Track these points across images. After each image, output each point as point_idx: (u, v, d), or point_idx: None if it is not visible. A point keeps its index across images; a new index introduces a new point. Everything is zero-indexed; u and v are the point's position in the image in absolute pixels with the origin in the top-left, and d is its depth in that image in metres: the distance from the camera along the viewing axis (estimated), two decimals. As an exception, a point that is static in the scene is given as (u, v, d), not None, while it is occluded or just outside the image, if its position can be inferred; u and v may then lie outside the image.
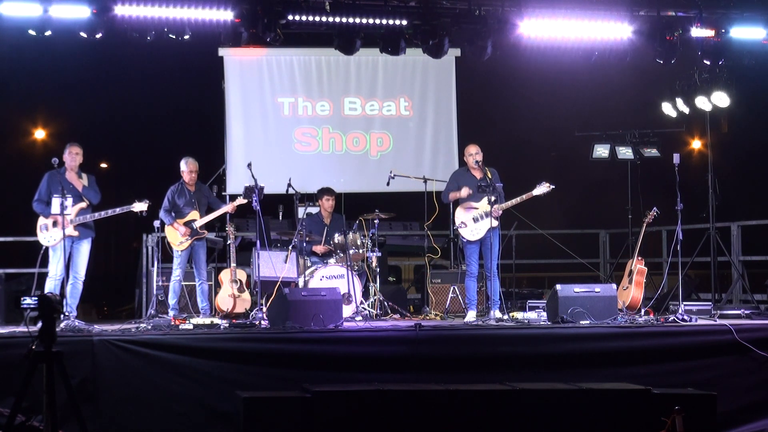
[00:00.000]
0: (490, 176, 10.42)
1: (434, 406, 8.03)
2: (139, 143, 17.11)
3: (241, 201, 10.80)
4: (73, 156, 10.17)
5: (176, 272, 10.72)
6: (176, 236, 10.70)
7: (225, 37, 10.93)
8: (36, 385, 5.65)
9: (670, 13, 11.40)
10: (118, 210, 10.23)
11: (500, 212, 10.34)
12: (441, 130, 14.26)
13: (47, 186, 10.08)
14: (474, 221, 10.41)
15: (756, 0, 11.47)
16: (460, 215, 10.51)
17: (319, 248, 11.38)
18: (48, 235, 10.00)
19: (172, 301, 10.76)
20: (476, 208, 10.43)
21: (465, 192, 10.43)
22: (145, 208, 10.27)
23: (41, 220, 10.06)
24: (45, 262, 10.10)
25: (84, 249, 10.13)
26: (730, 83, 12.57)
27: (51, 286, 9.92)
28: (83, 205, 10.08)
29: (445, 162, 14.08)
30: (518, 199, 10.43)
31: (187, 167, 10.85)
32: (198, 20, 10.39)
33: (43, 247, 10.03)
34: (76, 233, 10.01)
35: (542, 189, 10.42)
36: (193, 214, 10.76)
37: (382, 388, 8.10)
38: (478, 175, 10.53)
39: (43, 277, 10.09)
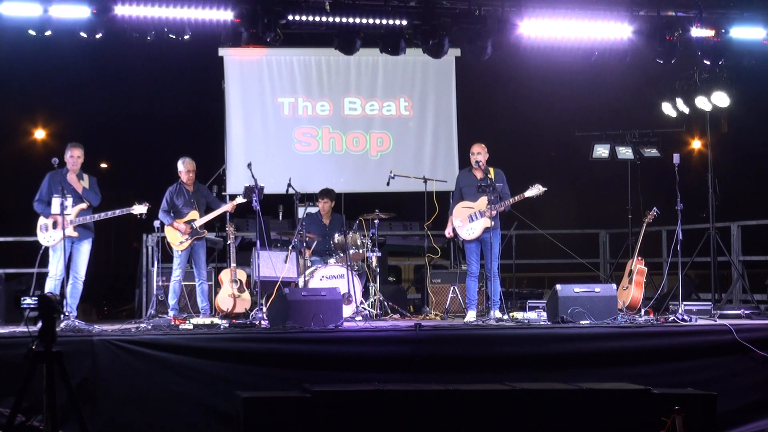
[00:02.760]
0: (491, 177, 10.42)
1: (434, 406, 8.02)
2: (139, 143, 17.12)
3: (240, 200, 10.81)
4: (74, 159, 10.15)
5: (176, 272, 10.72)
6: (176, 236, 10.70)
7: (225, 37, 10.93)
8: (36, 385, 5.64)
9: (670, 13, 11.40)
10: (117, 212, 10.21)
11: (495, 212, 10.33)
12: (441, 130, 14.25)
13: (48, 186, 10.08)
14: (470, 220, 10.42)
15: (756, 0, 11.47)
16: (457, 214, 10.53)
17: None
18: (48, 235, 10.01)
19: (172, 301, 10.76)
20: (472, 208, 10.44)
21: (449, 227, 10.56)
22: (144, 211, 10.25)
23: (41, 220, 10.06)
24: (45, 263, 10.10)
25: (84, 249, 10.13)
26: (730, 83, 12.58)
27: (51, 285, 9.92)
28: (83, 206, 10.07)
29: (445, 162, 14.07)
30: (510, 201, 10.43)
31: (184, 167, 10.85)
32: (198, 20, 10.40)
33: (43, 247, 10.03)
34: (75, 234, 10.00)
35: (534, 191, 10.41)
36: (193, 214, 10.76)
37: (382, 388, 8.10)
38: (479, 175, 10.53)
39: (41, 277, 10.09)
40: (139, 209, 10.22)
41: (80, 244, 10.09)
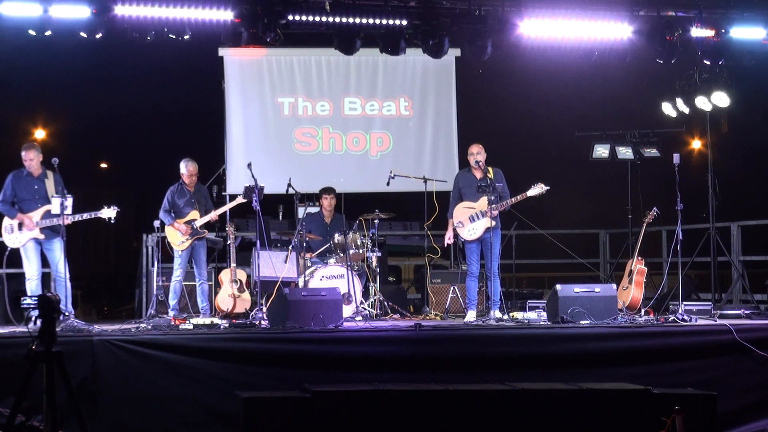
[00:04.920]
0: (491, 176, 10.42)
1: (434, 406, 8.02)
2: (139, 143, 17.13)
3: (240, 200, 10.77)
4: (28, 162, 10.02)
5: (177, 272, 10.70)
6: (177, 236, 10.68)
7: (225, 37, 10.92)
8: (36, 385, 5.64)
9: (670, 13, 11.40)
10: (86, 215, 10.04)
11: (497, 212, 10.33)
12: (441, 130, 14.26)
13: (12, 187, 10.01)
14: (471, 220, 10.42)
15: (756, 0, 11.47)
16: (458, 215, 10.52)
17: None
18: (13, 236, 9.93)
19: (172, 301, 10.74)
20: (473, 208, 10.44)
21: (449, 232, 10.57)
22: (113, 215, 10.09)
23: (6, 221, 9.98)
24: (19, 264, 10.07)
25: (56, 248, 9.96)
26: (730, 83, 12.57)
27: (33, 286, 9.90)
28: (49, 207, 9.91)
29: (445, 162, 14.08)
30: (512, 200, 10.43)
31: (187, 170, 10.80)
32: (198, 20, 10.39)
33: (8, 249, 9.96)
34: (42, 236, 9.91)
35: (537, 190, 10.41)
36: (194, 214, 10.75)
37: (382, 388, 8.10)
38: (478, 175, 10.53)
39: (11, 278, 10.04)
40: (107, 213, 10.08)
41: (50, 243, 9.98)
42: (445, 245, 11.05)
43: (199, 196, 10.91)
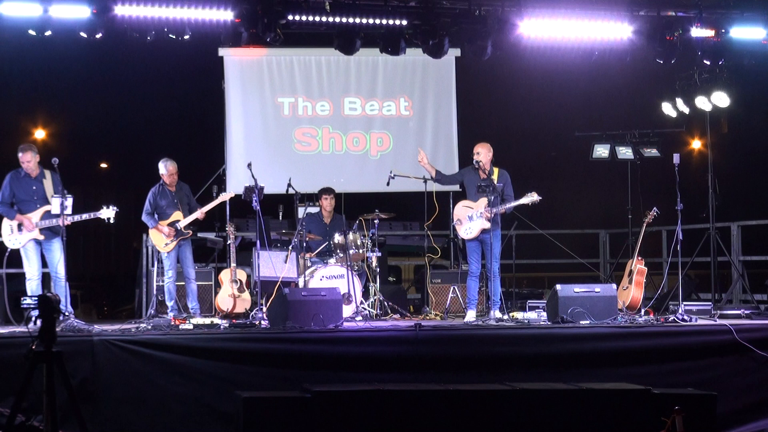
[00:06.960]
0: (494, 177, 10.41)
1: (434, 406, 8.02)
2: (139, 143, 17.13)
3: (223, 198, 10.72)
4: (25, 165, 10.01)
5: (168, 273, 10.64)
6: (161, 239, 10.60)
7: (225, 37, 10.94)
8: (36, 385, 5.65)
9: (670, 13, 11.41)
10: (84, 216, 10.02)
11: (491, 214, 10.30)
12: (441, 130, 14.25)
13: (10, 188, 10.00)
14: (469, 219, 10.42)
15: (756, 0, 11.48)
16: (457, 212, 10.54)
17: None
18: (13, 237, 9.94)
19: (169, 303, 10.71)
20: (472, 208, 10.44)
21: (431, 170, 10.69)
22: (113, 215, 10.05)
23: (6, 222, 9.98)
24: (19, 264, 10.07)
25: (55, 248, 9.97)
26: (730, 83, 12.58)
27: (33, 286, 9.90)
28: (48, 207, 9.92)
29: (445, 162, 14.04)
30: (503, 207, 10.35)
31: (166, 170, 10.69)
32: (198, 20, 10.40)
33: (8, 250, 9.95)
34: (41, 236, 9.92)
35: (528, 199, 10.36)
36: (177, 215, 10.62)
37: (382, 388, 8.10)
38: (481, 175, 10.52)
39: (11, 278, 10.03)
40: (107, 213, 10.05)
41: (50, 244, 9.98)
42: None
43: (181, 195, 10.80)
